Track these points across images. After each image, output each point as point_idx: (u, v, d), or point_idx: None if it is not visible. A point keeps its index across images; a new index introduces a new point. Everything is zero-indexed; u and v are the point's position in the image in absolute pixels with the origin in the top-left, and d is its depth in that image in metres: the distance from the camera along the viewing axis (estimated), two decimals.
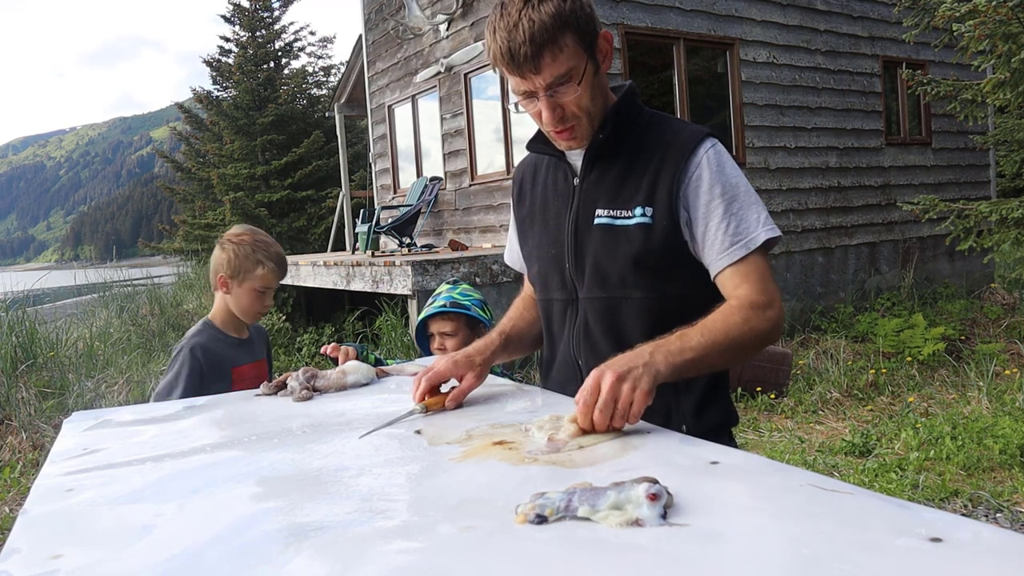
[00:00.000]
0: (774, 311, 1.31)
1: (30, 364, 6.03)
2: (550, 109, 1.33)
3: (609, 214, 1.41)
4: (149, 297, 10.96)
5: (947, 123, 9.17)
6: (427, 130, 9.43)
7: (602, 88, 1.39)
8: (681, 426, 1.40)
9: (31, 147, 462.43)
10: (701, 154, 1.36)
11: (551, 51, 1.27)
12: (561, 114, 1.35)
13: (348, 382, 1.60)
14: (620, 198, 1.40)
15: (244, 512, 0.92)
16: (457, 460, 1.08)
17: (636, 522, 0.80)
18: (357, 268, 6.62)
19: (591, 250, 1.43)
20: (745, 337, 1.27)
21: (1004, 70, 5.71)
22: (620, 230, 1.39)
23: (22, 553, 0.84)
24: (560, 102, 1.33)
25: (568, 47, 1.29)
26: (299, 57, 22.31)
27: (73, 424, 1.46)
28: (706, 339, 1.23)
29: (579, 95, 1.33)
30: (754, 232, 1.33)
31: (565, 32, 1.28)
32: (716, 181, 1.35)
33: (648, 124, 1.45)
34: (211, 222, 16.52)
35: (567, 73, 1.30)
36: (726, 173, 1.36)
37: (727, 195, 1.35)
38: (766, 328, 1.29)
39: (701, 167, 1.36)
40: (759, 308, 1.29)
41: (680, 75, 7.24)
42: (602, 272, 1.42)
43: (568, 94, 1.32)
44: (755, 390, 5.25)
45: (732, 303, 1.31)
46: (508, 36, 1.27)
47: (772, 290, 1.33)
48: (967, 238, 6.25)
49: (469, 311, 2.21)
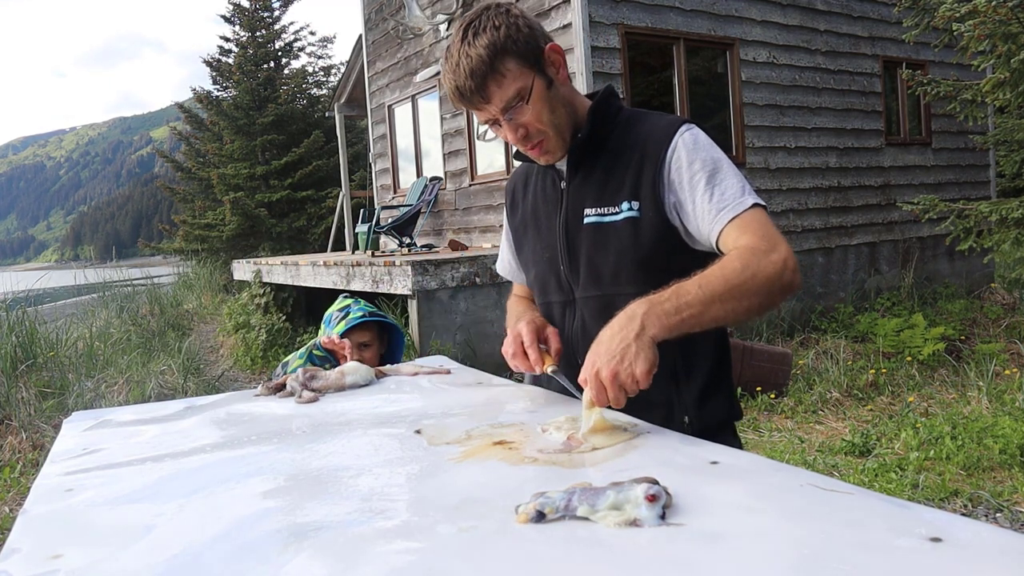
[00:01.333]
0: (779, 254, 1.24)
1: (30, 364, 6.03)
2: (513, 131, 1.40)
3: (597, 212, 1.44)
4: (149, 297, 10.96)
5: (947, 123, 9.17)
6: (427, 130, 9.44)
7: (564, 99, 1.42)
8: (683, 418, 1.40)
9: (31, 147, 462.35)
10: (676, 138, 1.39)
11: (494, 79, 1.34)
12: (524, 133, 1.40)
13: (347, 383, 1.60)
14: (606, 195, 1.43)
15: (244, 512, 0.92)
16: (457, 460, 1.08)
17: (634, 522, 0.80)
18: (357, 268, 6.62)
19: (583, 249, 1.46)
20: (748, 282, 1.20)
21: (1004, 70, 5.71)
22: (609, 227, 1.42)
23: (22, 553, 0.84)
24: (520, 122, 1.39)
25: (511, 71, 1.34)
26: (299, 57, 22.34)
27: (73, 424, 1.46)
28: (704, 291, 1.19)
29: (537, 112, 1.38)
30: (740, 197, 1.33)
31: (503, 58, 1.33)
32: (695, 157, 1.36)
33: (627, 121, 1.47)
34: (211, 222, 16.51)
35: (516, 95, 1.36)
36: (703, 149, 1.38)
37: (707, 167, 1.36)
38: (772, 271, 1.22)
39: (678, 149, 1.38)
40: (759, 252, 1.23)
41: (680, 75, 7.23)
42: (596, 270, 1.44)
43: (524, 114, 1.37)
44: (755, 390, 5.25)
45: (731, 252, 1.27)
46: (453, 76, 1.36)
47: (774, 235, 1.28)
48: (967, 238, 6.25)
49: (386, 318, 2.26)
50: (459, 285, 5.95)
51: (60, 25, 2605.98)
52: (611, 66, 6.70)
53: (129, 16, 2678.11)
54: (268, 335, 7.93)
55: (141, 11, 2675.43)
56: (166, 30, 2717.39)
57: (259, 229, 16.20)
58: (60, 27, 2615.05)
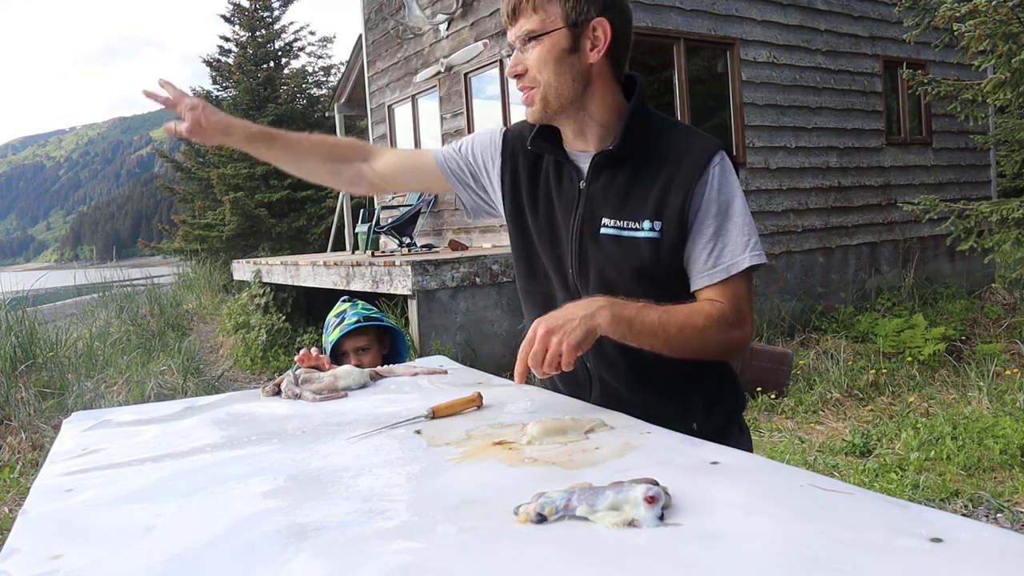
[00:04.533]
0: (740, 332, 1.33)
1: (30, 364, 6.03)
2: (514, 61, 1.38)
3: (616, 224, 1.38)
4: (149, 297, 10.96)
5: (948, 123, 9.17)
6: (427, 130, 9.43)
7: (579, 72, 1.36)
8: (692, 425, 1.41)
9: (31, 147, 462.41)
10: (711, 169, 1.35)
11: (528, 5, 1.32)
12: (522, 71, 1.37)
13: (340, 386, 1.59)
14: (627, 209, 1.38)
15: (244, 512, 0.92)
16: (457, 460, 1.08)
17: (632, 523, 0.80)
18: (357, 268, 6.62)
19: (596, 260, 1.41)
20: (695, 342, 1.30)
21: (1004, 70, 5.71)
22: (627, 242, 1.37)
23: (22, 553, 0.84)
24: (523, 59, 1.36)
25: (546, 10, 1.32)
26: (299, 57, 22.27)
27: (73, 424, 1.46)
28: (659, 325, 1.27)
29: (539, 60, 1.34)
30: (739, 257, 1.33)
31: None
32: (714, 200, 1.34)
33: (658, 131, 1.42)
34: (211, 222, 16.50)
35: (534, 31, 1.33)
36: (725, 192, 1.35)
37: (720, 215, 1.34)
38: (722, 342, 1.32)
39: (708, 183, 1.35)
40: (725, 324, 1.31)
41: (680, 75, 7.23)
42: (607, 284, 1.39)
43: (528, 52, 1.35)
44: (755, 390, 5.25)
45: (705, 306, 1.33)
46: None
47: (745, 311, 1.35)
48: (968, 238, 6.25)
49: (382, 321, 2.24)
50: (459, 285, 5.95)
51: (60, 25, 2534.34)
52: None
53: (129, 16, 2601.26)
54: (268, 335, 7.93)
55: (141, 11, 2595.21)
56: (166, 30, 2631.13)
57: (259, 229, 16.20)
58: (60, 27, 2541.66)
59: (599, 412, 1.27)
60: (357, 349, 2.19)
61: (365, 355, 2.19)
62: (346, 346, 2.20)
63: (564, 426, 1.16)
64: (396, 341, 2.32)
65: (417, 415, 1.32)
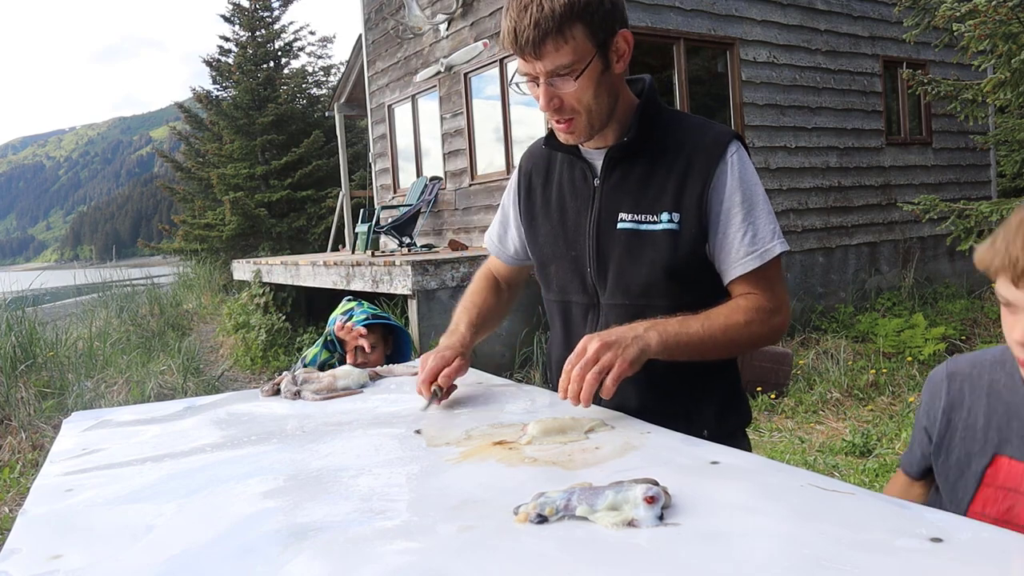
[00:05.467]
0: (780, 318, 1.34)
1: (30, 364, 6.03)
2: (547, 97, 1.31)
3: (634, 219, 1.37)
4: (149, 297, 10.95)
5: (948, 123, 9.17)
6: (427, 130, 9.43)
7: (611, 87, 1.34)
8: (703, 432, 1.40)
9: (31, 147, 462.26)
10: (728, 157, 1.34)
11: (555, 40, 1.24)
12: (558, 105, 1.31)
13: (339, 386, 1.60)
14: (644, 202, 1.37)
15: (244, 512, 0.92)
16: (457, 460, 1.07)
17: (632, 523, 0.80)
18: (357, 268, 6.62)
19: (615, 256, 1.39)
20: (743, 338, 1.31)
21: (1004, 70, 5.71)
22: (646, 235, 1.36)
23: (22, 553, 0.84)
24: (558, 93, 1.30)
25: (575, 39, 1.25)
26: (299, 57, 22.32)
27: (73, 424, 1.46)
28: (704, 331, 1.27)
29: (579, 90, 1.29)
30: (769, 244, 1.33)
31: (574, 23, 1.24)
32: (737, 188, 1.33)
33: (669, 123, 1.41)
34: (211, 222, 16.50)
35: (569, 65, 1.27)
36: (747, 180, 1.35)
37: (746, 203, 1.34)
38: (766, 332, 1.33)
39: (727, 171, 1.34)
40: (765, 312, 1.32)
41: (680, 75, 7.23)
42: (625, 279, 1.38)
43: (566, 87, 1.29)
44: (755, 390, 5.25)
45: (740, 302, 1.33)
46: (517, 17, 1.26)
47: (782, 296, 1.36)
48: (967, 238, 6.24)
49: (390, 320, 2.26)
50: (459, 285, 5.94)
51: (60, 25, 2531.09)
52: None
53: (129, 16, 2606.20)
54: (268, 335, 7.93)
55: (141, 11, 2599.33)
56: (166, 30, 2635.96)
57: (259, 229, 16.20)
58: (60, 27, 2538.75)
59: (599, 412, 1.27)
60: (363, 346, 2.21)
61: (371, 353, 2.20)
62: (352, 344, 2.21)
63: (564, 426, 1.16)
64: (400, 341, 2.33)
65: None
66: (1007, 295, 1.01)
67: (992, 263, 1.00)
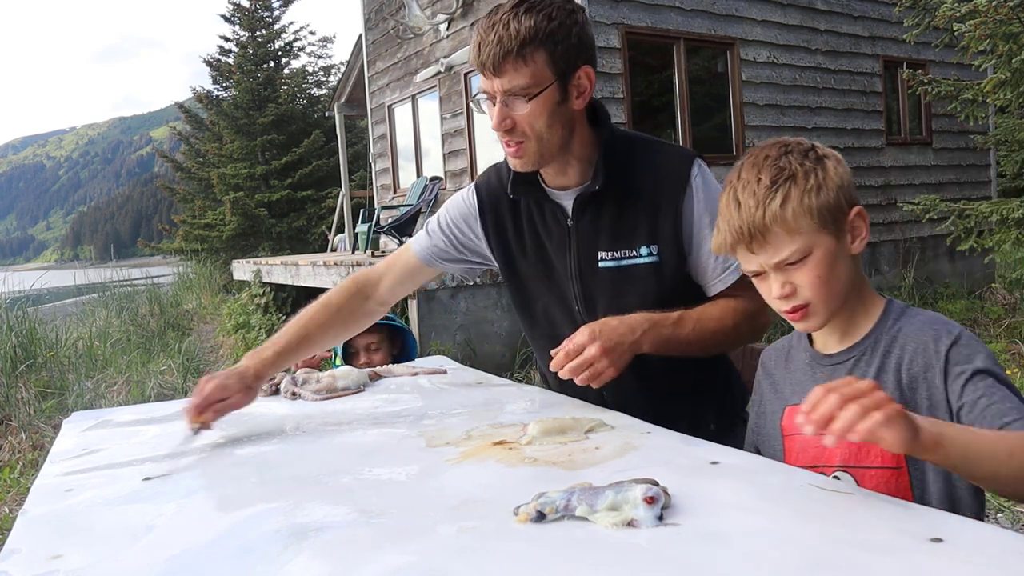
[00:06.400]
0: (765, 318, 1.39)
1: (30, 364, 6.02)
2: (500, 116, 1.31)
3: (614, 256, 1.40)
4: (149, 297, 10.95)
5: (948, 123, 9.16)
6: (427, 130, 9.43)
7: (567, 120, 1.34)
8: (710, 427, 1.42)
9: (31, 147, 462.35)
10: (692, 180, 1.37)
11: (515, 60, 1.27)
12: (510, 126, 1.31)
13: (339, 386, 1.60)
14: (621, 238, 1.39)
15: (244, 512, 0.92)
16: (457, 460, 1.07)
17: (631, 523, 0.80)
18: (357, 268, 6.62)
19: (603, 294, 1.41)
20: (729, 339, 1.39)
21: (1005, 70, 5.71)
22: (629, 270, 1.39)
23: (22, 553, 0.84)
24: (511, 114, 1.31)
25: (535, 63, 1.27)
26: (299, 57, 22.26)
27: (73, 424, 1.46)
28: (695, 335, 1.33)
29: (531, 114, 1.30)
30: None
31: (537, 48, 1.27)
32: (704, 210, 1.36)
33: (631, 155, 1.41)
34: (211, 222, 16.50)
35: (525, 87, 1.28)
36: (712, 199, 1.35)
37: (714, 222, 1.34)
38: (749, 332, 1.40)
39: (694, 194, 1.37)
40: (750, 314, 1.37)
41: (680, 75, 7.23)
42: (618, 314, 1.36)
43: (519, 108, 1.29)
44: None
45: (730, 303, 1.37)
46: (484, 34, 1.29)
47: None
48: (968, 238, 6.24)
49: (394, 322, 2.27)
50: (459, 285, 5.95)
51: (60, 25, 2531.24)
52: (611, 66, 6.70)
53: (129, 16, 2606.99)
54: (268, 335, 7.92)
55: (141, 11, 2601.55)
56: (166, 30, 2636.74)
57: (259, 229, 16.20)
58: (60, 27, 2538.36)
59: (599, 412, 1.27)
60: (368, 346, 2.21)
61: (376, 353, 2.21)
62: (358, 343, 2.22)
63: (564, 426, 1.16)
64: (405, 342, 2.34)
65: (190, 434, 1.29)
66: (750, 266, 1.09)
67: (726, 242, 1.09)
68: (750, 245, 1.07)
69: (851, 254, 1.08)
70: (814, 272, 1.05)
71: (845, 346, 1.11)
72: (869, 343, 1.09)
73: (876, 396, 0.80)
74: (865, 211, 1.10)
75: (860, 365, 1.09)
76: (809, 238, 1.04)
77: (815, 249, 1.05)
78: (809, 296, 1.06)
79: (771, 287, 1.08)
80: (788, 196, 1.04)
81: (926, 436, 0.81)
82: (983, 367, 0.98)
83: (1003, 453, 0.85)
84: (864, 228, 1.09)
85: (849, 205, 1.08)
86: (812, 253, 1.05)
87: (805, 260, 1.05)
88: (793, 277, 1.06)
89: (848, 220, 1.07)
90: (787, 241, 1.04)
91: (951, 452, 0.83)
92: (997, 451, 0.85)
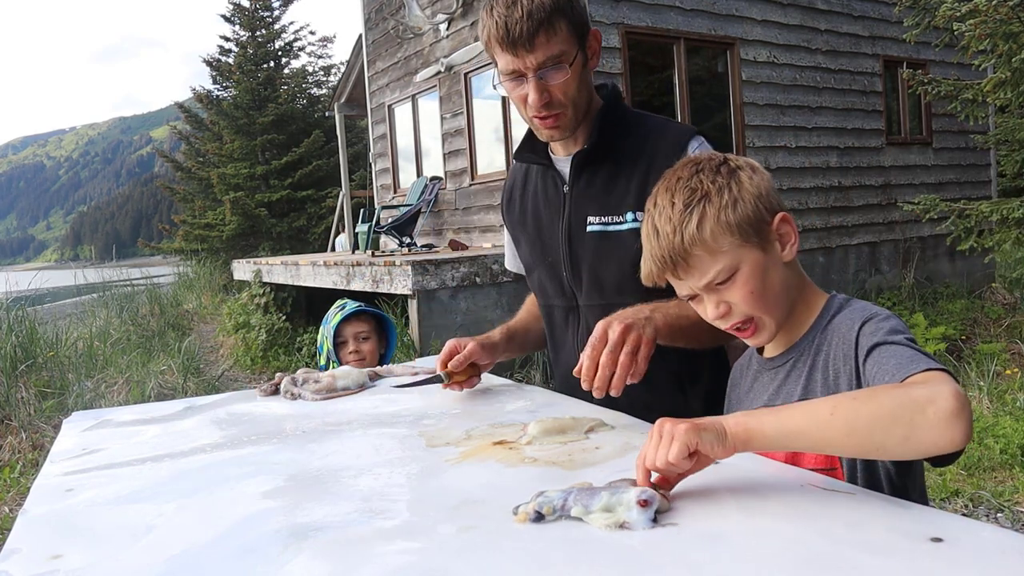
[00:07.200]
0: None
1: (30, 364, 6.02)
2: (538, 92, 1.33)
3: (601, 221, 1.42)
4: (149, 297, 10.95)
5: (948, 123, 9.16)
6: (427, 130, 9.43)
7: (588, 84, 1.40)
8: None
9: (31, 147, 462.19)
10: (687, 152, 1.36)
11: (546, 31, 1.30)
12: (548, 99, 1.34)
13: (339, 387, 1.60)
14: (610, 204, 1.41)
15: (244, 512, 0.92)
16: (457, 460, 1.07)
17: (623, 525, 0.80)
18: (357, 268, 6.62)
19: (586, 258, 1.44)
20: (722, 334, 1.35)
21: (1005, 69, 5.71)
22: (613, 236, 1.41)
23: (22, 553, 0.84)
24: (548, 86, 1.33)
25: (562, 31, 1.31)
26: (299, 57, 22.28)
27: (73, 424, 1.46)
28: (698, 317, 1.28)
29: (567, 82, 1.34)
30: None
31: (560, 17, 1.31)
32: None
33: (631, 125, 1.45)
34: (211, 222, 16.50)
35: (559, 55, 1.31)
36: None
37: None
38: None
39: None
40: None
41: (680, 75, 7.23)
42: (598, 280, 1.43)
43: (557, 78, 1.33)
44: None
45: None
46: (506, 12, 1.29)
47: None
48: (968, 238, 6.24)
49: (379, 311, 2.31)
50: (459, 285, 5.94)
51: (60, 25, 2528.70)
52: (611, 65, 6.70)
53: (129, 16, 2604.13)
54: (268, 335, 7.93)
55: (141, 11, 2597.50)
56: (166, 30, 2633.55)
57: (259, 229, 16.20)
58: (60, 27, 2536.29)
59: (599, 412, 1.27)
60: (357, 335, 2.22)
61: (365, 343, 2.22)
62: (347, 332, 2.23)
63: (564, 426, 1.16)
64: (391, 338, 2.35)
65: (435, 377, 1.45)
66: (681, 291, 1.08)
67: (652, 272, 1.06)
68: (675, 272, 1.04)
69: (783, 261, 1.06)
70: (746, 288, 1.03)
71: (784, 349, 1.11)
72: (807, 344, 1.09)
73: (673, 430, 0.84)
74: (790, 215, 1.07)
75: (797, 367, 1.09)
76: (733, 255, 1.02)
77: (742, 265, 1.02)
78: (746, 311, 1.04)
79: (706, 309, 1.06)
80: (704, 216, 1.01)
81: (735, 434, 0.85)
82: (881, 340, 0.96)
83: (824, 414, 0.83)
84: (792, 233, 1.07)
85: (771, 213, 1.05)
86: (740, 269, 1.02)
87: (734, 277, 1.02)
88: (726, 296, 1.04)
89: (772, 228, 1.05)
90: (711, 262, 1.02)
91: (769, 436, 0.85)
92: (819, 416, 0.84)
